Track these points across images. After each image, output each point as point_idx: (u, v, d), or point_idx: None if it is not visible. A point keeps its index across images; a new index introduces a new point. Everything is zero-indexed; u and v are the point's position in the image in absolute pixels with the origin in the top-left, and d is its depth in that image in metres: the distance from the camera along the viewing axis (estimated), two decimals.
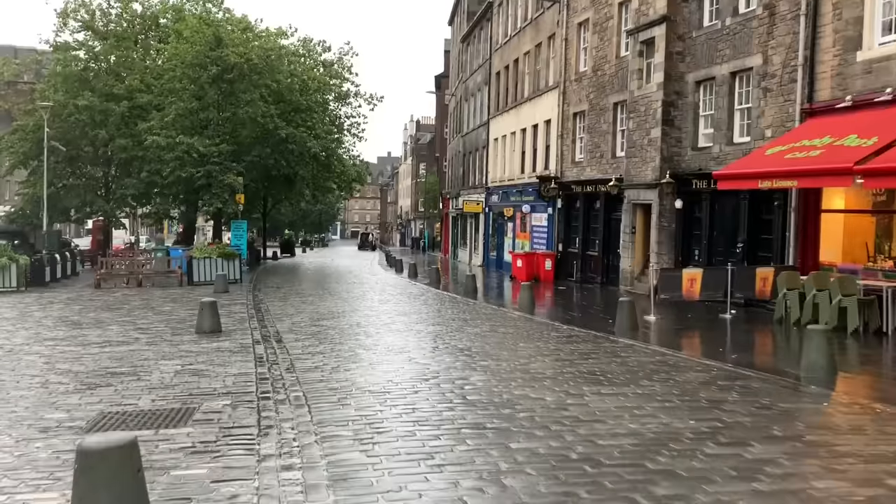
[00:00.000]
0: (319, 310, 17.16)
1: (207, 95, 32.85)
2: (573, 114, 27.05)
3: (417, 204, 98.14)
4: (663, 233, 20.67)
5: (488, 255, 38.25)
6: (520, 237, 32.69)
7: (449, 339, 12.10)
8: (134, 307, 17.69)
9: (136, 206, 37.42)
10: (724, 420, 6.71)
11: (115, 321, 14.87)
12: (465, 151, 45.29)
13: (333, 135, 40.60)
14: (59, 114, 32.50)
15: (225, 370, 9.34)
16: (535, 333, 13.06)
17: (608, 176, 23.77)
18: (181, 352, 10.88)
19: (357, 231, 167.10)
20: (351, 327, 13.94)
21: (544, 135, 29.94)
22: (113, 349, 11.15)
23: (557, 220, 28.19)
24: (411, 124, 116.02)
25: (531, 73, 31.64)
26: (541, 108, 30.14)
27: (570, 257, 27.24)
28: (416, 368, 9.43)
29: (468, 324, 14.51)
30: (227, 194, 31.18)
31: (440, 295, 21.84)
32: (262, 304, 18.34)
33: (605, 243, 24.58)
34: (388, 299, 20.37)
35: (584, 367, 9.46)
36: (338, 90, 40.36)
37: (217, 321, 13.06)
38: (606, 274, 24.55)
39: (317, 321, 14.88)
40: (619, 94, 23.73)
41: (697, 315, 16.11)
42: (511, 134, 34.27)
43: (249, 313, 16.19)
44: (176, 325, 14.04)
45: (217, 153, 31.05)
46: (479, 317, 15.93)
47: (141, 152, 32.03)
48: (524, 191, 31.52)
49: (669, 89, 20.54)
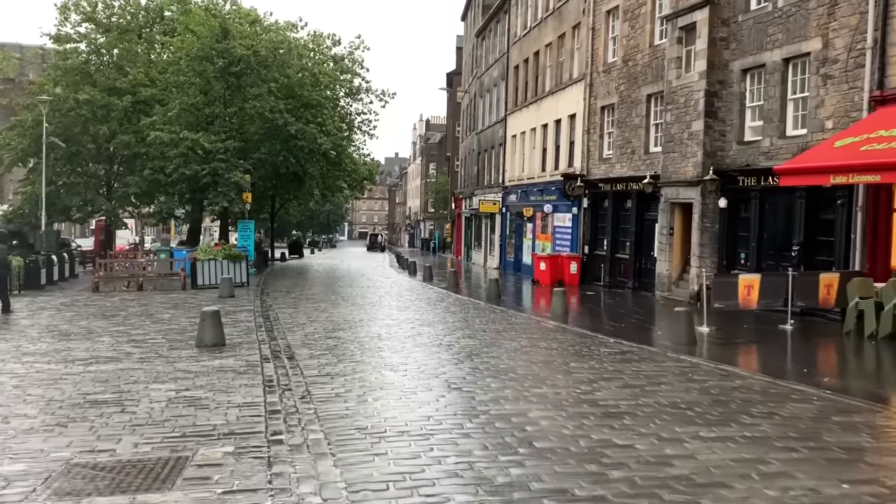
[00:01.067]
0: (334, 318, 15.59)
1: (213, 90, 31.37)
2: (601, 107, 25.41)
3: (427, 204, 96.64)
4: (705, 234, 19.02)
5: (505, 257, 36.62)
6: (540, 239, 31.06)
7: (487, 357, 10.49)
8: (131, 314, 16.15)
9: (140, 206, 35.89)
10: (886, 482, 5.09)
11: (108, 331, 13.33)
12: (480, 149, 43.68)
13: (344, 132, 39.14)
14: (59, 108, 31.04)
15: (228, 398, 7.77)
16: (583, 349, 11.45)
17: (641, 173, 22.14)
18: (178, 372, 9.32)
19: (365, 232, 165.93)
20: (372, 340, 12.35)
21: (568, 130, 28.31)
22: (99, 368, 9.60)
23: (583, 221, 26.54)
24: (421, 124, 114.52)
25: (553, 66, 30.02)
26: (564, 102, 28.51)
27: (596, 260, 25.59)
28: (458, 399, 7.82)
29: (502, 336, 12.90)
30: (234, 193, 29.66)
31: (461, 301, 20.25)
32: (270, 312, 16.78)
33: (637, 245, 22.93)
34: (407, 305, 18.78)
35: (661, 396, 7.84)
36: (349, 85, 38.84)
37: (220, 333, 11.49)
38: (638, 278, 22.90)
39: (332, 332, 13.31)
40: (652, 86, 22.09)
41: (753, 326, 14.47)
42: (531, 130, 32.66)
43: (257, 322, 14.63)
44: (175, 337, 12.49)
45: (223, 150, 29.53)
46: (512, 327, 14.32)
47: (144, 149, 30.58)
48: (546, 190, 29.90)
49: (713, 78, 18.89)
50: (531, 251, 32.11)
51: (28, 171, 32.93)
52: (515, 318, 16.12)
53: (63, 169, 32.14)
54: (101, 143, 32.63)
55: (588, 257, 25.95)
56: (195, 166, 29.06)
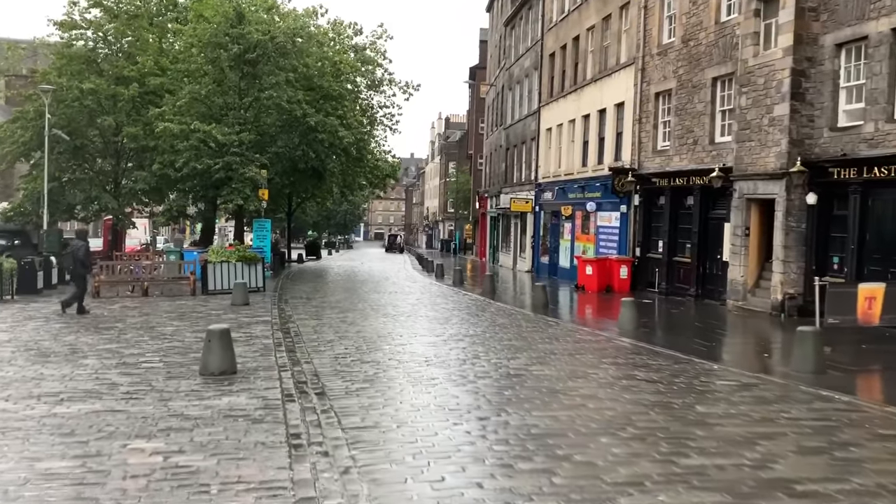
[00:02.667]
0: (366, 333, 13.19)
1: (227, 78, 29.10)
2: (655, 94, 22.85)
3: (446, 204, 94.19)
4: (791, 235, 16.44)
5: (538, 260, 34.10)
6: (581, 240, 28.52)
7: (577, 398, 8.03)
8: (128, 326, 13.83)
9: (149, 203, 33.65)
10: None
11: (96, 350, 11.00)
12: (509, 145, 41.19)
13: (365, 126, 36.83)
14: (63, 99, 28.89)
15: (238, 471, 5.37)
16: (692, 381, 8.95)
17: (706, 166, 19.59)
18: (171, 418, 6.95)
19: (380, 232, 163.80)
20: (420, 366, 9.91)
21: (614, 120, 25.77)
22: (68, 410, 7.24)
23: (633, 220, 24.00)
24: (439, 122, 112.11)
25: (596, 51, 27.48)
26: (610, 89, 25.97)
27: (649, 264, 23.03)
28: (582, 481, 5.34)
29: (579, 361, 10.43)
30: (249, 189, 27.32)
31: (506, 311, 17.78)
32: (290, 324, 14.39)
33: (700, 247, 20.35)
34: (447, 316, 16.33)
35: (870, 469, 5.35)
36: (371, 77, 36.48)
37: (230, 357, 9.10)
38: (701, 284, 20.32)
39: (368, 353, 10.90)
40: (720, 67, 19.53)
41: (874, 345, 11.91)
42: (569, 122, 30.13)
43: (275, 338, 12.25)
44: (175, 360, 10.13)
45: (237, 143, 27.22)
46: (583, 347, 11.85)
47: (153, 142, 28.36)
48: (588, 186, 27.36)
49: (800, 55, 16.31)
50: (569, 253, 29.61)
51: (31, 167, 30.81)
52: (578, 333, 13.63)
53: (67, 164, 29.96)
54: (108, 137, 30.47)
55: (639, 260, 23.41)
56: (207, 160, 26.76)
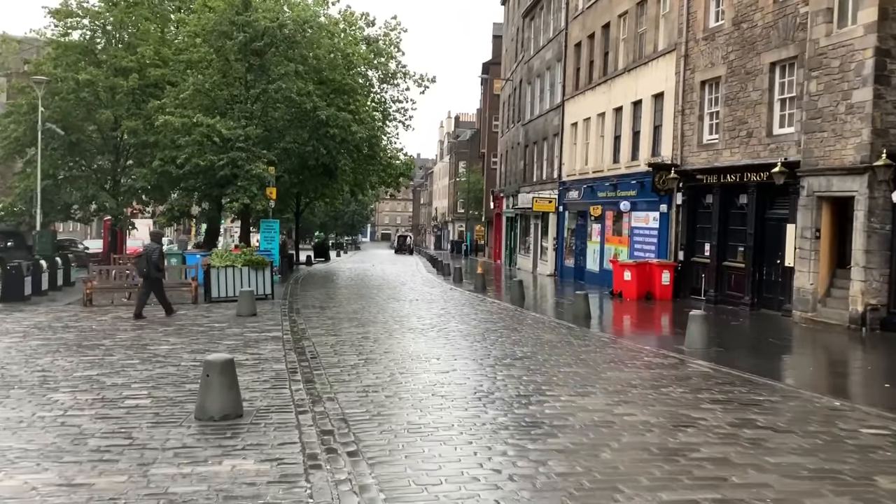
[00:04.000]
0: (395, 354, 11.21)
1: (233, 69, 27.19)
2: (700, 83, 20.82)
3: (456, 205, 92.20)
4: (874, 238, 14.40)
5: (562, 263, 32.08)
6: (612, 242, 26.49)
7: (720, 469, 6.04)
8: (117, 345, 11.88)
9: (150, 202, 31.71)
10: None
11: (72, 379, 9.07)
12: (528, 142, 39.17)
13: (378, 121, 34.90)
14: (58, 91, 27.07)
15: None
16: (834, 431, 6.95)
17: (762, 160, 17.58)
18: (151, 497, 4.98)
19: (387, 233, 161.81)
20: (475, 408, 7.90)
21: (651, 113, 23.74)
22: (10, 483, 5.27)
23: (675, 221, 21.96)
24: (449, 121, 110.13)
25: (630, 39, 25.45)
26: (646, 79, 23.94)
27: (694, 268, 21.00)
28: None
29: (669, 398, 8.43)
30: (256, 187, 25.39)
31: (546, 323, 15.79)
32: (305, 341, 12.43)
33: (756, 251, 18.31)
34: (483, 331, 14.31)
35: None
36: (384, 69, 34.54)
37: (234, 398, 7.11)
38: (758, 292, 18.27)
39: (405, 385, 8.92)
40: (779, 51, 17.49)
41: None
42: (598, 116, 28.10)
43: (288, 362, 10.28)
44: (167, 394, 8.18)
45: (244, 137, 25.30)
46: (662, 376, 9.83)
47: (153, 137, 26.50)
48: (620, 184, 25.33)
49: (885, 32, 14.28)
50: (598, 256, 27.60)
51: (25, 164, 29.00)
52: (644, 355, 11.62)
53: (62, 161, 28.09)
54: (106, 132, 28.62)
55: (682, 265, 21.38)
56: (211, 156, 24.85)
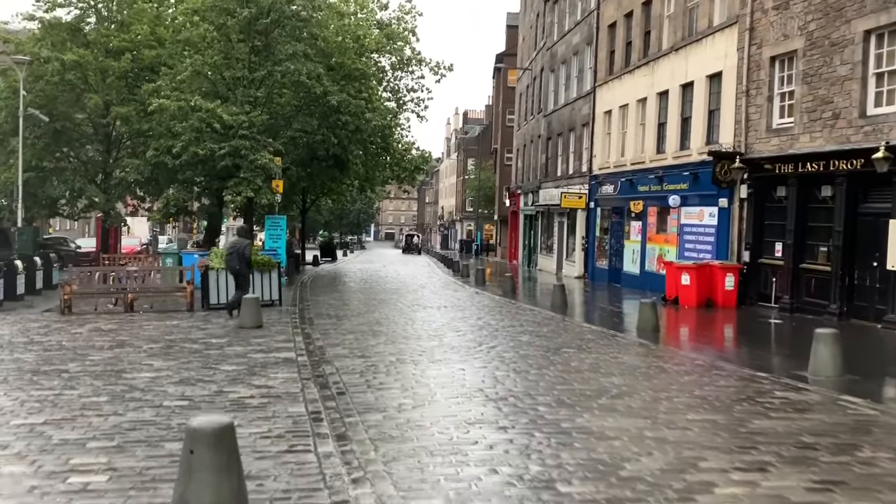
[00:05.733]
0: (451, 386, 8.59)
1: (235, 49, 24.59)
2: (770, 58, 18.17)
3: (465, 203, 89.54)
4: None
5: (593, 264, 29.44)
6: (656, 241, 23.85)
7: None
8: (84, 371, 9.25)
9: (145, 197, 29.06)
10: None
11: (10, 428, 6.47)
12: (551, 134, 36.54)
13: (391, 111, 32.34)
14: (42, 74, 24.49)
15: None
16: None
17: (854, 145, 14.96)
18: None
19: (391, 233, 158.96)
20: (598, 480, 5.30)
21: (705, 96, 21.10)
22: None
23: (737, 217, 19.32)
24: (456, 117, 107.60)
25: (678, 14, 22.78)
26: (699, 58, 21.29)
27: (762, 271, 18.37)
28: None
29: (886, 481, 5.81)
30: (261, 179, 22.79)
31: (609, 337, 13.17)
32: (326, 366, 9.79)
33: (846, 251, 15.63)
34: (544, 350, 11.69)
35: None
36: (399, 54, 31.93)
37: (234, 487, 4.35)
38: (847, 300, 15.61)
39: (478, 446, 6.31)
40: (877, 16, 14.83)
41: None
42: (637, 102, 25.47)
43: (309, 401, 7.66)
44: (134, 464, 5.57)
45: (247, 124, 22.69)
46: (826, 424, 7.21)
47: (148, 125, 23.92)
48: (667, 176, 22.70)
49: None
50: (639, 257, 24.96)
51: (7, 154, 26.41)
52: (764, 384, 8.96)
53: (46, 150, 25.43)
54: (96, 119, 26.03)
55: (748, 267, 18.74)
56: (211, 145, 22.24)
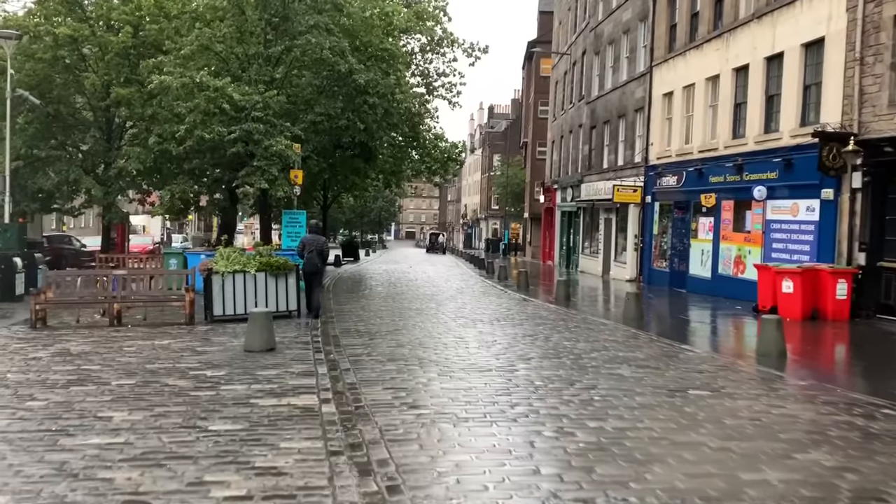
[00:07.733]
0: (555, 464, 5.51)
1: (249, 22, 21.68)
2: (893, 17, 14.87)
3: (490, 201, 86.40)
4: None
5: (649, 266, 26.19)
6: (732, 240, 20.59)
7: None
8: (6, 430, 6.28)
9: (148, 190, 26.18)
10: None
11: None
12: (595, 122, 33.28)
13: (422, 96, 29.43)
14: (33, 53, 21.77)
15: None
16: None
17: None
18: None
19: (412, 231, 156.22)
20: None
21: (799, 69, 17.80)
22: None
23: (850, 211, 16.01)
24: (480, 112, 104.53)
25: None
26: (791, 25, 18.00)
27: (883, 277, 15.08)
28: None
29: None
30: (277, 169, 19.85)
31: (728, 368, 10.00)
32: (365, 424, 6.72)
33: None
34: (654, 387, 8.57)
35: None
36: (430, 34, 28.99)
37: None
38: None
39: None
40: None
41: None
42: (706, 81, 22.19)
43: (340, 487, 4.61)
44: None
45: (262, 105, 19.76)
46: None
47: (151, 109, 21.11)
48: (749, 164, 19.43)
49: None
50: (711, 258, 21.69)
51: None
52: None
53: (39, 136, 22.70)
54: (95, 103, 23.26)
55: (864, 271, 15.45)
56: (220, 128, 19.34)
